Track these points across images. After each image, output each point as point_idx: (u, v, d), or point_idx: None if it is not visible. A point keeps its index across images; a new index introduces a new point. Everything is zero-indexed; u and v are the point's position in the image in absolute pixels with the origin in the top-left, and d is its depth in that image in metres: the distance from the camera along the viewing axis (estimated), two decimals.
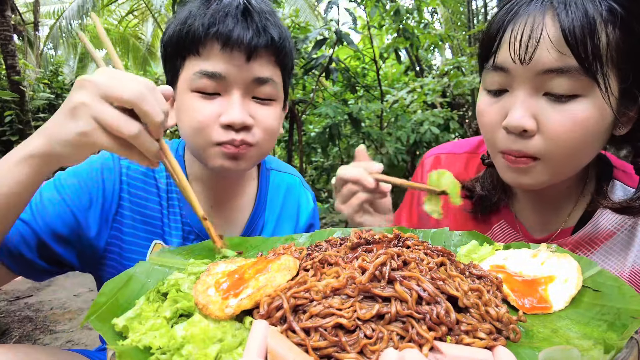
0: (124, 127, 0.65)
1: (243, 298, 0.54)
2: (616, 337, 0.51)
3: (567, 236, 0.95)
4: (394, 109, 4.93)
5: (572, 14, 0.72)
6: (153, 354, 0.49)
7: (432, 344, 0.47)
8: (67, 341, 2.70)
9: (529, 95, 0.79)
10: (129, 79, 0.67)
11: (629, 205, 0.85)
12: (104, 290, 0.61)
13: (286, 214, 1.22)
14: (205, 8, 0.92)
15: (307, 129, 5.49)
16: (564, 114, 0.76)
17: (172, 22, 0.98)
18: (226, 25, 0.89)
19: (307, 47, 4.34)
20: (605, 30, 0.73)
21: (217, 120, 0.92)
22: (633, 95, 0.79)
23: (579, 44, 0.72)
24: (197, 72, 0.91)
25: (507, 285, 0.64)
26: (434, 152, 1.21)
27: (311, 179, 6.00)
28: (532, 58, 0.75)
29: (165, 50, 0.99)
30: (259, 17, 0.92)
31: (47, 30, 13.34)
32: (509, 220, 1.03)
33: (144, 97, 0.66)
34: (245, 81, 0.92)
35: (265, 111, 0.97)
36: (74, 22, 12.08)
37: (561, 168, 0.83)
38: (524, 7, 0.78)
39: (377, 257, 0.56)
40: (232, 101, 0.92)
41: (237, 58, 0.90)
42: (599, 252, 0.93)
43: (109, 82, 0.65)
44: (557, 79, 0.75)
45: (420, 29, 4.55)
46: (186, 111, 0.94)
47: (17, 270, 0.90)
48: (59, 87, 9.97)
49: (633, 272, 0.90)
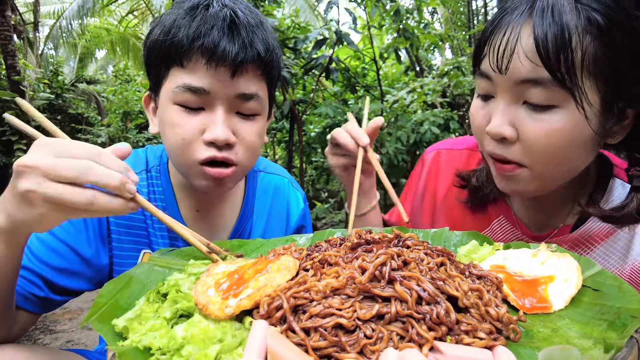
0: (76, 200, 0.60)
1: (243, 298, 0.54)
2: (616, 336, 0.51)
3: (567, 233, 0.95)
4: (394, 109, 4.93)
5: (547, 25, 0.72)
6: (153, 355, 0.49)
7: (432, 344, 0.47)
8: (67, 341, 2.70)
9: (509, 103, 0.80)
10: (69, 152, 0.62)
11: (612, 215, 0.86)
12: (104, 291, 0.61)
13: (275, 216, 1.20)
14: (190, 19, 0.88)
15: (307, 129, 5.49)
16: (539, 124, 0.76)
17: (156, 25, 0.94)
18: (212, 38, 0.86)
19: (307, 47, 4.33)
20: (582, 41, 0.72)
21: (199, 136, 0.89)
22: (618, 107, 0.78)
23: (550, 56, 0.71)
24: (180, 85, 0.88)
25: (507, 285, 0.64)
26: (435, 147, 1.21)
27: (311, 179, 6.00)
28: (508, 68, 0.76)
29: (149, 55, 0.95)
30: (246, 31, 0.89)
31: (47, 30, 13.34)
32: (508, 217, 1.04)
33: (87, 169, 0.61)
34: (230, 97, 0.90)
35: (249, 127, 0.94)
36: (74, 22, 12.08)
37: (547, 176, 0.83)
38: (506, 17, 0.78)
39: (377, 257, 0.56)
40: (215, 117, 0.89)
41: (222, 73, 0.87)
42: (599, 250, 0.92)
43: (47, 163, 0.60)
44: (533, 89, 0.75)
45: (420, 29, 4.55)
46: (169, 125, 0.91)
47: (37, 310, 0.90)
48: (59, 87, 9.97)
49: (634, 269, 0.89)
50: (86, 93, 12.14)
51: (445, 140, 1.24)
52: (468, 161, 1.14)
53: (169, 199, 1.07)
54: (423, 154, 1.24)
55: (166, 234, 1.04)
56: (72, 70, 15.13)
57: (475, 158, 1.13)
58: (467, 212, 1.09)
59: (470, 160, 1.13)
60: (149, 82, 1.00)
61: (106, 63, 17.70)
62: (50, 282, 0.90)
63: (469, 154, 1.15)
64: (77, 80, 12.97)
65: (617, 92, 0.76)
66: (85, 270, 0.96)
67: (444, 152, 1.18)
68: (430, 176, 1.19)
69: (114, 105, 10.66)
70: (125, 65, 13.54)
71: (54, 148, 0.62)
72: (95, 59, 16.90)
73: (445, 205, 1.15)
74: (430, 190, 1.18)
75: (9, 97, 2.15)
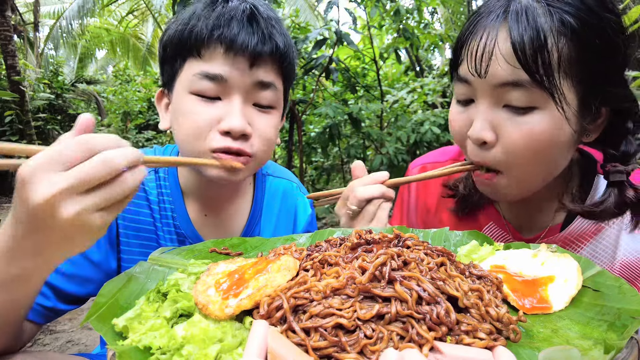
0: (120, 190, 0.58)
1: (243, 298, 0.54)
2: (616, 337, 0.51)
3: (555, 234, 0.96)
4: (394, 109, 4.93)
5: (522, 28, 0.73)
6: (153, 354, 0.49)
7: (432, 344, 0.47)
8: (67, 341, 2.70)
9: (489, 107, 0.80)
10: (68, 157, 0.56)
11: (591, 210, 0.86)
12: (103, 291, 0.61)
13: (283, 220, 1.20)
14: (210, 10, 0.89)
15: (307, 129, 5.49)
16: (521, 127, 0.77)
17: (173, 22, 0.95)
18: (231, 29, 0.86)
19: (307, 47, 4.34)
20: (557, 43, 0.73)
21: (215, 125, 0.88)
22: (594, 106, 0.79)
23: (528, 59, 0.73)
24: (197, 73, 0.87)
25: (508, 285, 0.63)
26: (420, 162, 1.22)
27: (311, 179, 6.00)
28: (487, 72, 0.77)
29: (164, 50, 0.95)
30: (265, 24, 0.90)
31: (47, 30, 13.35)
32: (498, 222, 1.04)
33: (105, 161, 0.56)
34: (247, 85, 0.89)
35: (265, 120, 0.94)
36: (74, 23, 12.09)
37: (526, 179, 0.84)
38: (482, 21, 0.79)
39: (377, 257, 0.56)
40: (232, 107, 0.88)
41: (241, 63, 0.87)
42: (588, 248, 0.93)
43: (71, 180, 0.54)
44: (513, 91, 0.76)
45: (420, 29, 4.55)
46: (184, 114, 0.90)
47: (41, 320, 0.89)
48: (59, 87, 9.97)
49: (623, 265, 0.90)
50: (86, 93, 12.15)
51: (427, 154, 1.24)
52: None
53: (177, 203, 1.05)
54: (408, 169, 1.24)
55: (175, 237, 1.04)
56: (72, 71, 15.14)
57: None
58: (458, 221, 1.10)
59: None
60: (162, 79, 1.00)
61: (106, 63, 17.71)
62: (60, 290, 0.90)
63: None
64: (77, 80, 12.97)
65: (593, 91, 0.77)
66: (95, 275, 0.95)
67: (429, 166, 1.18)
68: (419, 190, 1.20)
69: (114, 105, 10.66)
70: (125, 66, 13.55)
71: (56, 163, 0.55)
72: (95, 59, 16.92)
73: (436, 217, 1.16)
74: (421, 204, 1.19)
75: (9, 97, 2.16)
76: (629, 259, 0.90)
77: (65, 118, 10.47)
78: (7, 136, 8.09)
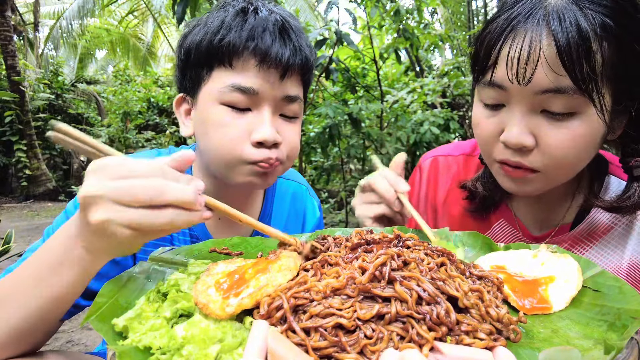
0: (158, 223, 0.57)
1: (244, 297, 0.54)
2: (616, 337, 0.51)
3: (566, 232, 0.96)
4: (394, 109, 4.93)
5: (567, 33, 0.71)
6: (153, 354, 0.49)
7: (432, 344, 0.47)
8: (67, 341, 2.70)
9: (526, 113, 0.79)
10: (131, 172, 0.57)
11: (618, 205, 0.86)
12: (103, 291, 0.61)
13: (292, 223, 1.20)
14: (242, 20, 0.89)
15: (307, 129, 5.49)
16: (562, 131, 0.77)
17: (196, 27, 0.94)
18: (264, 41, 0.87)
19: None
20: (601, 47, 0.72)
21: (248, 137, 0.90)
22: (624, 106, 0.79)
23: (575, 66, 0.71)
24: (229, 85, 0.88)
25: (508, 285, 0.64)
26: (432, 154, 1.21)
27: (311, 179, 6.00)
28: (531, 80, 0.75)
29: (187, 56, 0.94)
30: (295, 36, 0.92)
31: (47, 30, 13.35)
32: (508, 219, 1.04)
33: (162, 190, 0.57)
34: (277, 98, 0.92)
35: (291, 128, 0.97)
36: (74, 23, 12.10)
37: (558, 178, 0.85)
38: (521, 24, 0.76)
39: (377, 257, 0.56)
40: (263, 118, 0.90)
41: (273, 75, 0.89)
42: (597, 247, 0.93)
43: (116, 189, 0.56)
44: (553, 98, 0.75)
45: (420, 29, 4.55)
46: (214, 125, 0.90)
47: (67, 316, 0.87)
48: (59, 87, 9.98)
49: (631, 265, 0.91)
50: (86, 93, 12.16)
51: (440, 147, 1.24)
52: (465, 166, 1.14)
53: None
54: (420, 161, 1.23)
55: (188, 238, 1.04)
56: (72, 71, 15.14)
57: (473, 163, 1.13)
58: (468, 216, 1.10)
59: (468, 166, 1.14)
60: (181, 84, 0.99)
61: (106, 63, 17.71)
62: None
63: (466, 159, 1.15)
64: (77, 80, 12.98)
65: (627, 93, 0.77)
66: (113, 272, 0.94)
67: (442, 159, 1.18)
68: (429, 183, 1.19)
69: (114, 105, 10.67)
70: (125, 66, 13.55)
71: (114, 170, 0.57)
72: (95, 59, 16.92)
73: (445, 211, 1.15)
74: (431, 197, 1.18)
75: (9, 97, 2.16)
76: (638, 259, 0.90)
77: (65, 118, 10.47)
78: (7, 136, 8.08)
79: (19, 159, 8.45)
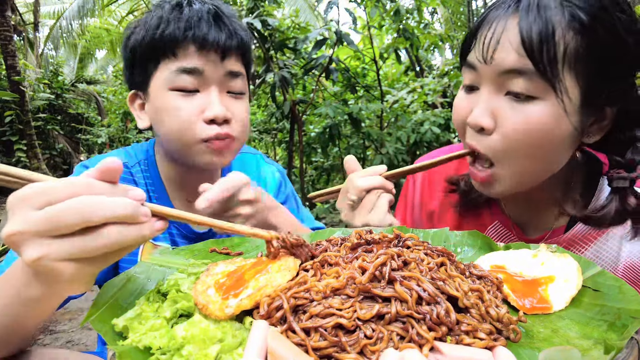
0: (101, 245, 0.50)
1: (243, 298, 0.54)
2: (616, 337, 0.51)
3: (560, 234, 0.96)
4: (394, 109, 4.93)
5: (532, 19, 0.75)
6: (153, 354, 0.49)
7: (432, 344, 0.47)
8: (67, 341, 2.70)
9: (491, 94, 0.82)
10: (54, 196, 0.50)
11: (591, 216, 0.87)
12: (103, 291, 0.61)
13: None
14: (178, 13, 0.97)
15: (307, 129, 5.49)
16: (519, 114, 0.78)
17: (137, 27, 1.01)
18: (201, 29, 0.96)
19: (307, 47, 4.34)
20: (565, 35, 0.74)
21: (200, 116, 0.97)
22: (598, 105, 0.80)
23: (534, 48, 0.74)
24: (175, 69, 0.96)
25: (508, 285, 0.63)
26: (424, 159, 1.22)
27: (311, 179, 6.00)
28: (494, 58, 0.79)
29: (133, 54, 1.01)
30: (229, 21, 1.01)
31: (47, 30, 13.35)
32: (503, 221, 1.04)
33: (91, 208, 0.50)
34: (220, 76, 1.00)
35: (239, 105, 1.04)
36: (74, 23, 12.10)
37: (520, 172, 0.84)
38: (493, 12, 0.82)
39: (377, 257, 0.56)
40: (211, 96, 0.98)
41: (213, 57, 0.97)
42: (592, 249, 0.93)
43: (40, 219, 0.49)
44: (516, 79, 0.77)
45: (420, 29, 4.55)
46: (167, 110, 0.97)
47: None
48: (59, 87, 9.97)
49: (626, 266, 0.90)
50: (86, 93, 12.16)
51: (431, 153, 1.25)
52: (458, 170, 1.15)
53: (159, 191, 1.13)
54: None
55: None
56: (72, 71, 15.15)
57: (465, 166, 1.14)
58: (462, 220, 1.11)
59: (460, 169, 1.15)
60: (131, 81, 1.07)
61: (106, 63, 17.71)
62: None
63: (458, 162, 1.15)
64: (77, 80, 12.98)
65: (597, 89, 0.78)
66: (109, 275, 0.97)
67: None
68: (423, 189, 1.20)
69: (113, 105, 10.67)
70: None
71: (35, 200, 0.49)
72: (95, 59, 16.93)
73: (441, 216, 1.16)
74: (425, 203, 1.19)
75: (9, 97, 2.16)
76: (633, 260, 0.90)
77: (65, 118, 10.47)
78: (7, 136, 8.07)
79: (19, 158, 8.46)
